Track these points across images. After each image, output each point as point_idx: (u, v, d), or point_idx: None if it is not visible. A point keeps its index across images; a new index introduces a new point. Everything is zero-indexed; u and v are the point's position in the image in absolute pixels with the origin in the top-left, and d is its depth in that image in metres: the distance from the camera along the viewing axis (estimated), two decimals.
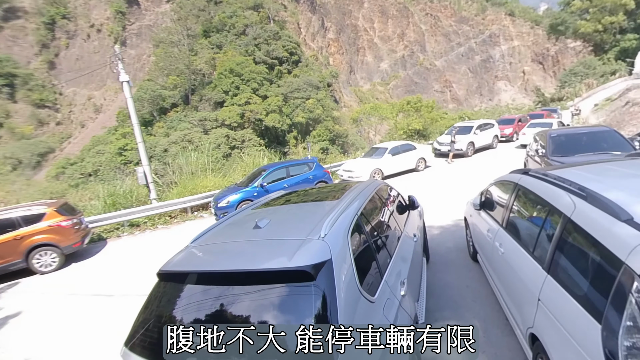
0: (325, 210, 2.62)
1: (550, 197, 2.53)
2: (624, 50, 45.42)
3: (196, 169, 12.53)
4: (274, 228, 2.49)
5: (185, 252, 2.42)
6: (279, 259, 1.96)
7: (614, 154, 6.20)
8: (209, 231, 2.76)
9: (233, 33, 46.84)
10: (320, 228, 2.16)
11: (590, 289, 1.86)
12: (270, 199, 3.76)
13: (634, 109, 17.29)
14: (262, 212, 3.12)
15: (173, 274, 2.18)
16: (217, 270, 2.06)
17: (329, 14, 64.74)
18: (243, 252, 2.24)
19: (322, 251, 1.95)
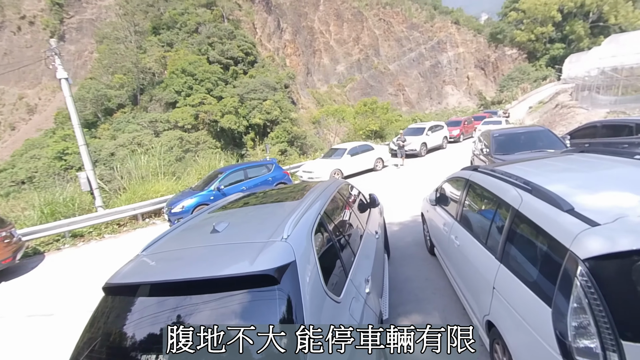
0: (287, 211, 2.57)
1: (499, 191, 2.70)
2: (553, 58, 50.81)
3: (147, 173, 11.80)
4: (233, 231, 2.38)
5: (135, 262, 2.24)
6: (240, 264, 1.87)
7: (549, 151, 6.80)
8: (161, 238, 2.57)
9: (185, 31, 45.00)
10: (282, 229, 2.10)
11: (539, 275, 2.00)
12: (228, 201, 3.61)
13: (563, 111, 19.13)
14: (220, 216, 2.98)
15: (122, 286, 1.99)
16: (173, 280, 1.90)
17: (284, 15, 64.51)
18: (200, 258, 2.10)
19: (285, 253, 1.89)
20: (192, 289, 1.81)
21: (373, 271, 2.93)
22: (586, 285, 1.66)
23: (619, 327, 1.57)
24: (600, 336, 1.60)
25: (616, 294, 1.62)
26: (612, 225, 1.74)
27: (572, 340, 1.68)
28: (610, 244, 1.67)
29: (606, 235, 1.70)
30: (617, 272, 1.67)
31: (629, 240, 1.65)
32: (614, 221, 1.76)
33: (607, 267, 1.66)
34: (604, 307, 1.60)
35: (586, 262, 1.68)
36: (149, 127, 35.80)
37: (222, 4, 47.69)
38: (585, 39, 49.70)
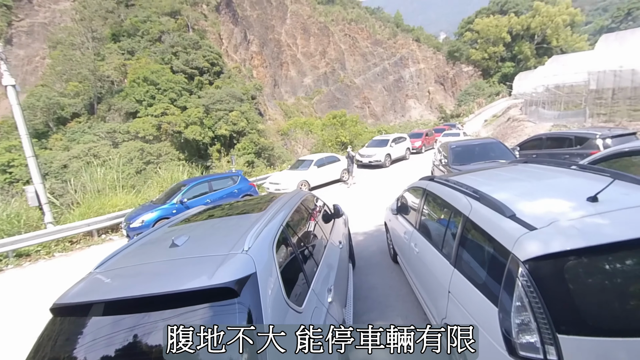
0: (249, 224, 2.56)
1: (452, 200, 2.87)
2: (505, 75, 55.29)
3: (104, 186, 11.19)
4: (193, 245, 2.34)
5: (87, 280, 2.13)
6: (199, 278, 1.83)
7: (500, 161, 7.29)
8: (117, 254, 2.48)
9: (147, 39, 43.70)
10: (243, 241, 2.10)
11: (487, 278, 2.14)
12: (190, 214, 3.54)
13: (514, 124, 20.58)
14: (181, 229, 2.92)
15: (72, 306, 1.87)
16: (128, 297, 1.82)
17: (251, 27, 64.58)
18: (158, 273, 2.04)
19: (245, 265, 1.89)
20: (150, 306, 1.76)
21: (336, 281, 2.97)
22: (526, 284, 1.81)
23: (555, 322, 1.72)
24: (540, 331, 1.74)
25: (551, 292, 1.78)
26: (547, 229, 1.92)
27: (516, 336, 1.81)
28: (545, 246, 1.84)
29: (541, 239, 1.87)
30: (551, 271, 1.83)
31: (560, 242, 1.83)
32: (548, 225, 1.94)
33: (543, 268, 1.82)
34: (542, 305, 1.75)
35: (526, 264, 1.83)
36: (107, 138, 34.11)
37: (187, 14, 46.98)
38: (532, 58, 54.57)
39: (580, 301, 1.76)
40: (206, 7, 53.98)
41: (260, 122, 47.71)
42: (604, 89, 13.26)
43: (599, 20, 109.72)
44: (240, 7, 63.32)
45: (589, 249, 1.78)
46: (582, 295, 1.78)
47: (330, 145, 22.39)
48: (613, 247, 1.77)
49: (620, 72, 12.63)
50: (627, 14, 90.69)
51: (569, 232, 1.87)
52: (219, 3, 56.69)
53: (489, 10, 66.96)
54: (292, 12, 74.85)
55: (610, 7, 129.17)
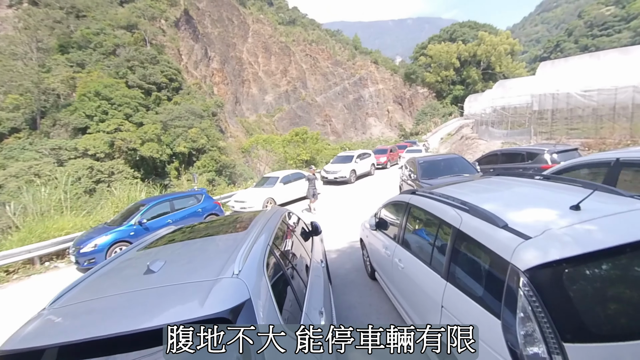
0: (233, 245, 2.36)
1: (439, 212, 2.87)
2: (456, 97, 59.82)
3: (48, 207, 10.14)
4: (172, 271, 2.08)
5: (41, 319, 1.77)
6: (186, 308, 1.61)
7: (465, 175, 7.62)
8: (77, 285, 2.13)
9: (100, 52, 41.61)
10: (232, 264, 1.91)
11: (485, 289, 2.12)
12: (159, 236, 3.20)
13: (468, 142, 21.88)
14: (151, 253, 2.61)
15: (22, 353, 1.53)
16: (98, 337, 1.50)
17: (212, 44, 63.99)
18: (135, 305, 1.75)
19: (238, 291, 1.71)
20: (127, 346, 1.49)
21: (324, 302, 2.83)
22: (529, 294, 1.80)
23: (560, 331, 1.72)
24: (546, 341, 1.72)
25: (554, 301, 1.78)
26: (541, 238, 1.94)
27: (523, 348, 1.78)
28: (543, 254, 1.85)
29: (538, 247, 1.89)
30: (551, 280, 1.84)
31: (557, 250, 1.85)
32: (542, 234, 1.97)
33: (543, 276, 1.83)
34: (546, 314, 1.75)
35: (526, 273, 1.83)
36: (51, 155, 31.48)
37: (145, 28, 45.55)
38: (479, 82, 59.67)
39: (582, 308, 1.79)
40: (165, 22, 52.79)
41: (221, 139, 46.70)
42: (544, 110, 14.65)
43: (533, 50, 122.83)
44: (201, 24, 62.71)
45: (585, 256, 1.82)
46: (583, 302, 1.81)
47: (292, 163, 22.32)
48: (607, 253, 1.83)
49: (557, 95, 14.05)
50: (556, 45, 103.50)
51: (564, 239, 1.90)
52: (178, 19, 55.73)
53: (440, 37, 72.40)
54: (254, 32, 75.47)
55: (542, 39, 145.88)
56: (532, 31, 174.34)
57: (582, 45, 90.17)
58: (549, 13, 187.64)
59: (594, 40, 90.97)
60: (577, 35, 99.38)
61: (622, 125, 12.27)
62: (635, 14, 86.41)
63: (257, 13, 79.49)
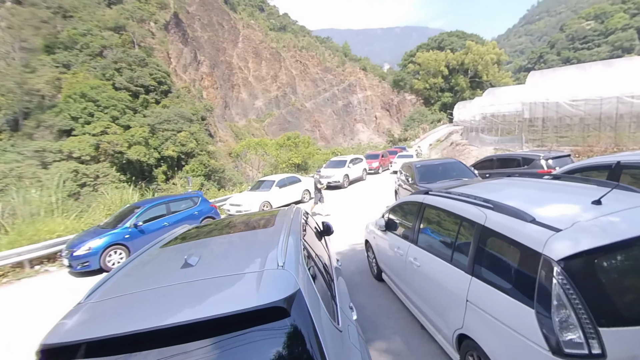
0: (266, 239, 2.37)
1: (459, 210, 2.94)
2: (444, 104, 61.17)
3: (38, 210, 9.84)
4: (210, 264, 2.06)
5: (83, 312, 1.71)
6: (241, 298, 1.58)
7: (464, 179, 7.77)
8: (107, 281, 2.08)
9: (87, 53, 40.83)
10: (274, 257, 1.90)
11: (516, 281, 2.18)
12: (178, 234, 3.15)
13: (458, 148, 22.29)
14: (177, 250, 2.57)
15: (72, 345, 1.45)
16: (152, 328, 1.44)
17: (202, 47, 63.64)
18: (184, 297, 1.70)
19: (289, 281, 1.68)
20: (181, 337, 1.45)
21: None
22: (563, 283, 1.87)
23: (595, 316, 1.79)
24: (582, 327, 1.80)
25: (587, 288, 1.86)
26: (571, 230, 2.03)
27: (559, 334, 1.85)
28: (575, 245, 1.94)
29: (570, 238, 1.97)
30: (584, 268, 1.92)
31: (588, 240, 1.94)
32: (572, 226, 2.05)
33: (576, 265, 1.91)
34: (581, 301, 1.82)
35: (560, 263, 1.91)
36: (34, 158, 30.64)
37: (133, 30, 45.03)
38: (467, 90, 61.22)
39: (613, 294, 1.88)
40: (154, 25, 52.30)
41: (210, 143, 46.28)
42: (535, 117, 15.13)
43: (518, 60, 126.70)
44: (191, 28, 62.36)
45: (614, 245, 1.92)
46: (614, 288, 1.90)
47: (284, 167, 22.28)
48: (633, 242, 1.93)
49: (547, 104, 14.54)
50: (540, 57, 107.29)
51: (592, 231, 2.00)
52: (167, 22, 55.30)
53: (428, 45, 74.02)
54: (244, 37, 75.46)
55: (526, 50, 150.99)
56: (516, 42, 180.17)
57: (564, 57, 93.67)
58: (532, 25, 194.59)
59: (576, 52, 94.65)
60: (559, 48, 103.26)
61: (607, 134, 12.79)
62: (613, 29, 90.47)
63: (248, 18, 79.65)
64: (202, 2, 67.34)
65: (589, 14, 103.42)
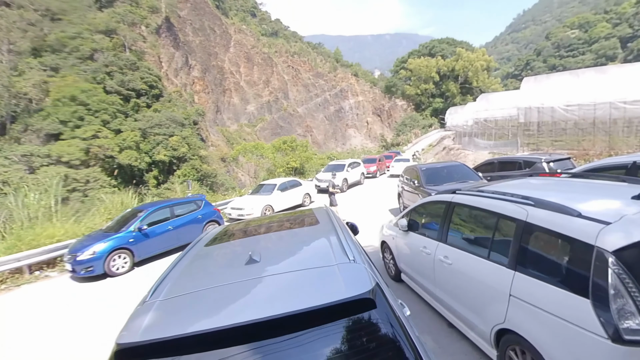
0: (318, 235, 2.38)
1: (496, 208, 2.98)
2: (436, 109, 62.28)
3: (36, 214, 9.60)
4: (274, 260, 2.04)
5: (155, 311, 1.62)
6: (326, 291, 1.55)
7: (470, 182, 7.88)
8: (165, 280, 2.01)
9: (76, 56, 40.21)
10: (340, 252, 1.90)
11: (567, 273, 2.23)
12: (216, 233, 3.02)
13: (454, 152, 22.62)
14: (231, 246, 2.53)
15: (156, 344, 1.38)
16: (244, 322, 1.39)
17: (193, 52, 63.34)
18: (265, 292, 1.67)
19: (367, 274, 1.67)
20: (272, 331, 1.42)
21: None
22: (618, 272, 1.93)
23: None
24: None
25: None
26: (621, 222, 2.09)
27: (617, 322, 1.90)
28: (627, 236, 2.00)
29: (621, 230, 2.04)
30: (637, 257, 1.98)
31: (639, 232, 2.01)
32: (620, 219, 2.12)
33: (630, 255, 1.97)
34: (637, 289, 1.88)
35: (614, 254, 1.97)
36: (22, 162, 29.93)
37: (125, 34, 44.57)
38: (458, 96, 62.47)
39: None
40: (145, 29, 51.89)
41: (202, 148, 45.91)
42: (530, 122, 15.50)
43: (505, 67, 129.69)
44: (182, 32, 62.07)
45: None
46: None
47: (281, 171, 22.22)
48: None
49: (542, 109, 14.94)
50: (526, 64, 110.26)
51: None
52: (159, 26, 54.94)
53: (419, 52, 75.21)
54: (236, 42, 75.41)
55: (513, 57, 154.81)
56: (503, 50, 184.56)
57: (550, 65, 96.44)
58: (518, 34, 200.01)
59: (561, 60, 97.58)
60: (545, 55, 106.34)
61: (601, 138, 13.18)
62: (597, 38, 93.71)
63: (240, 23, 79.70)
64: (193, 7, 67.19)
65: (574, 23, 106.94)
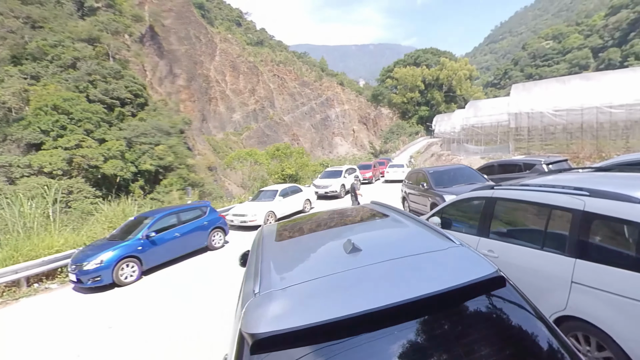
0: (399, 225, 2.42)
1: (548, 200, 3.06)
2: (421, 117, 63.92)
3: (31, 223, 9.19)
4: (373, 248, 2.02)
5: (279, 301, 1.57)
6: (454, 272, 1.58)
7: (478, 183, 8.05)
8: (261, 275, 1.89)
9: (57, 64, 39.19)
10: (442, 237, 1.98)
11: (637, 255, 2.33)
12: (274, 231, 2.91)
13: (442, 158, 23.07)
14: (313, 239, 2.53)
15: (300, 331, 1.33)
16: (384, 306, 1.37)
17: (178, 61, 62.77)
18: (392, 277, 1.64)
19: (482, 256, 1.74)
20: (412, 313, 1.42)
21: None
22: None
23: None
24: None
25: None
26: None
27: None
28: None
29: None
30: None
31: None
32: None
33: None
34: None
35: None
36: (0, 173, 28.80)
37: (108, 42, 43.79)
38: (442, 104, 64.38)
39: None
40: (129, 38, 51.18)
41: (189, 156, 45.26)
42: (521, 127, 16.05)
43: (484, 76, 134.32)
44: (166, 41, 61.52)
45: None
46: None
47: (277, 178, 22.08)
48: None
49: (532, 114, 15.52)
50: (505, 73, 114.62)
51: None
52: (143, 35, 54.33)
53: (404, 62, 77.02)
54: (222, 50, 75.25)
55: (491, 67, 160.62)
56: (482, 60, 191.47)
57: (527, 74, 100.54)
58: (496, 44, 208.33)
59: (537, 69, 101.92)
60: (522, 65, 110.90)
61: (589, 142, 13.77)
62: (570, 48, 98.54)
63: (225, 32, 79.66)
64: (178, 16, 66.81)
65: (548, 34, 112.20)
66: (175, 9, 66.25)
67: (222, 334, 4.80)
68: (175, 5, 65.95)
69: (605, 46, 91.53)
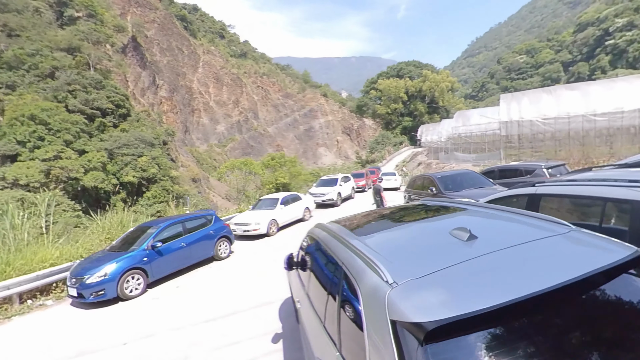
0: (488, 215, 2.46)
1: (602, 193, 3.10)
2: (405, 128, 65.21)
3: (22, 236, 8.64)
4: (493, 236, 1.99)
5: (430, 288, 1.47)
6: (600, 254, 1.63)
7: (486, 187, 8.18)
8: (391, 265, 1.72)
9: (35, 74, 37.89)
10: (551, 222, 2.04)
11: None
12: (342, 229, 2.69)
13: (431, 166, 23.48)
14: (407, 232, 2.51)
15: (495, 312, 1.27)
16: (558, 285, 1.36)
17: (161, 72, 61.91)
18: (539, 260, 1.63)
19: (606, 238, 1.81)
20: (566, 295, 1.42)
21: None
22: None
23: None
24: None
25: None
26: None
27: None
28: None
29: None
30: None
31: None
32: None
33: None
34: None
35: None
36: None
37: (89, 52, 42.77)
38: (425, 115, 66.03)
39: None
40: (111, 48, 50.19)
41: (173, 168, 44.31)
42: (511, 135, 16.59)
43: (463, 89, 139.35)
44: (149, 52, 60.70)
45: None
46: None
47: (270, 188, 21.84)
48: None
49: (522, 122, 16.08)
50: (482, 86, 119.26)
51: None
52: (125, 45, 53.40)
53: (387, 74, 78.83)
54: (205, 62, 74.89)
55: (469, 80, 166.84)
56: (461, 73, 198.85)
57: (503, 87, 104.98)
58: (473, 58, 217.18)
59: (512, 82, 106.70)
60: (498, 78, 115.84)
61: (576, 149, 14.36)
62: (542, 62, 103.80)
63: (208, 44, 79.44)
64: (161, 27, 66.23)
65: (521, 49, 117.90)
66: (158, 20, 65.72)
67: (249, 350, 4.59)
68: (159, 17, 65.46)
69: (575, 60, 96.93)
